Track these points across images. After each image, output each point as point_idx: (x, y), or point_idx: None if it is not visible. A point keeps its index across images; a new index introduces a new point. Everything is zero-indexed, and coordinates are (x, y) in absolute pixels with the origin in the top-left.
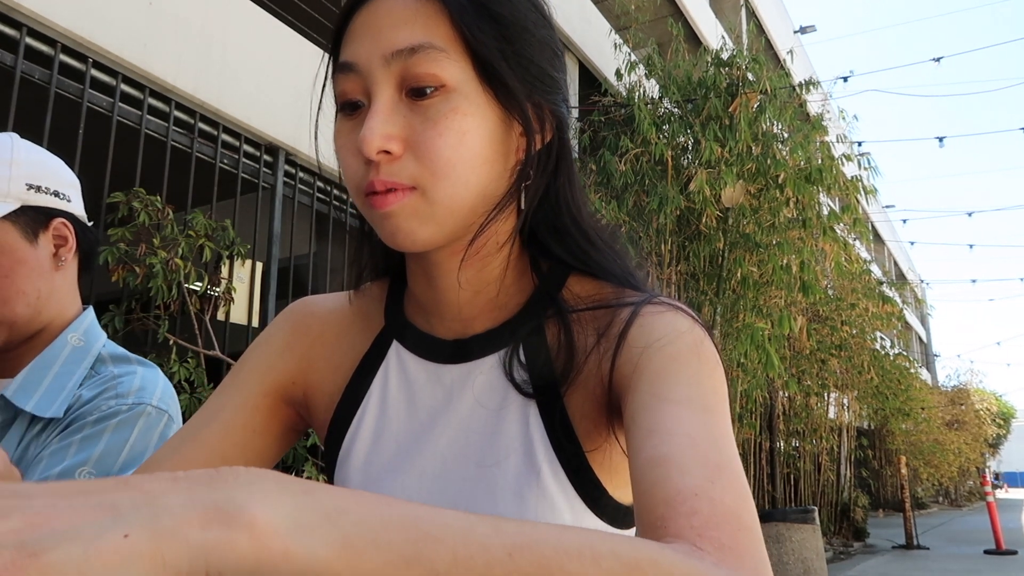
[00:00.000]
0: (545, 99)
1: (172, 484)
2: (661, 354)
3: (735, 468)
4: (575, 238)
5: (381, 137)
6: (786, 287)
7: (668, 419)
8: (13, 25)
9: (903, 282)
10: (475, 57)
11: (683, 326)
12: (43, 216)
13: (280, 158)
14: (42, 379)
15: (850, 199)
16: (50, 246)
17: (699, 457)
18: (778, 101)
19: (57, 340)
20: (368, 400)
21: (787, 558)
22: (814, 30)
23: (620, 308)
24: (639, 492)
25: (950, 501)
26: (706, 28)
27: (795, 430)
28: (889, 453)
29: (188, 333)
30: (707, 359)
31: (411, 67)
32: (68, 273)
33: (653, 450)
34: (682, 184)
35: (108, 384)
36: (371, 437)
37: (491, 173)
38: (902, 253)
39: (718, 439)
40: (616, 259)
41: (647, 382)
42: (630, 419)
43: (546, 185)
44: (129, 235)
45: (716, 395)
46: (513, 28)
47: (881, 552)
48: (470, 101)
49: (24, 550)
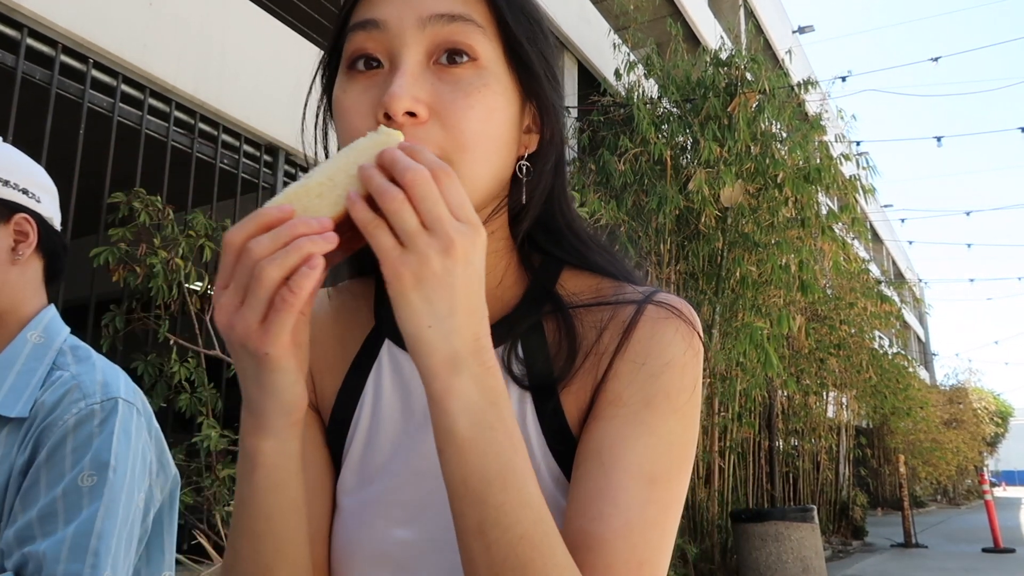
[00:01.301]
0: (556, 95)
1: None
2: (645, 386)
3: (656, 562)
4: (566, 234)
5: (411, 98)
6: (785, 286)
7: (613, 491)
8: (14, 26)
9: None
10: (507, 40)
11: (678, 347)
12: (6, 209)
13: (280, 158)
14: (4, 378)
15: (848, 198)
16: (9, 239)
17: (627, 550)
18: (777, 101)
19: (17, 339)
20: (363, 401)
21: (786, 557)
22: (812, 30)
23: (621, 306)
24: (571, 550)
25: (948, 500)
26: (705, 28)
27: (794, 429)
28: (888, 452)
29: (188, 333)
30: (685, 390)
31: (447, 34)
32: (26, 269)
33: (588, 523)
34: (681, 184)
35: (69, 386)
36: (365, 438)
37: (506, 159)
38: (900, 252)
39: (655, 521)
40: (607, 255)
41: (621, 420)
42: (585, 451)
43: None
44: (130, 235)
45: (674, 451)
46: (536, 24)
47: (880, 550)
48: (499, 81)
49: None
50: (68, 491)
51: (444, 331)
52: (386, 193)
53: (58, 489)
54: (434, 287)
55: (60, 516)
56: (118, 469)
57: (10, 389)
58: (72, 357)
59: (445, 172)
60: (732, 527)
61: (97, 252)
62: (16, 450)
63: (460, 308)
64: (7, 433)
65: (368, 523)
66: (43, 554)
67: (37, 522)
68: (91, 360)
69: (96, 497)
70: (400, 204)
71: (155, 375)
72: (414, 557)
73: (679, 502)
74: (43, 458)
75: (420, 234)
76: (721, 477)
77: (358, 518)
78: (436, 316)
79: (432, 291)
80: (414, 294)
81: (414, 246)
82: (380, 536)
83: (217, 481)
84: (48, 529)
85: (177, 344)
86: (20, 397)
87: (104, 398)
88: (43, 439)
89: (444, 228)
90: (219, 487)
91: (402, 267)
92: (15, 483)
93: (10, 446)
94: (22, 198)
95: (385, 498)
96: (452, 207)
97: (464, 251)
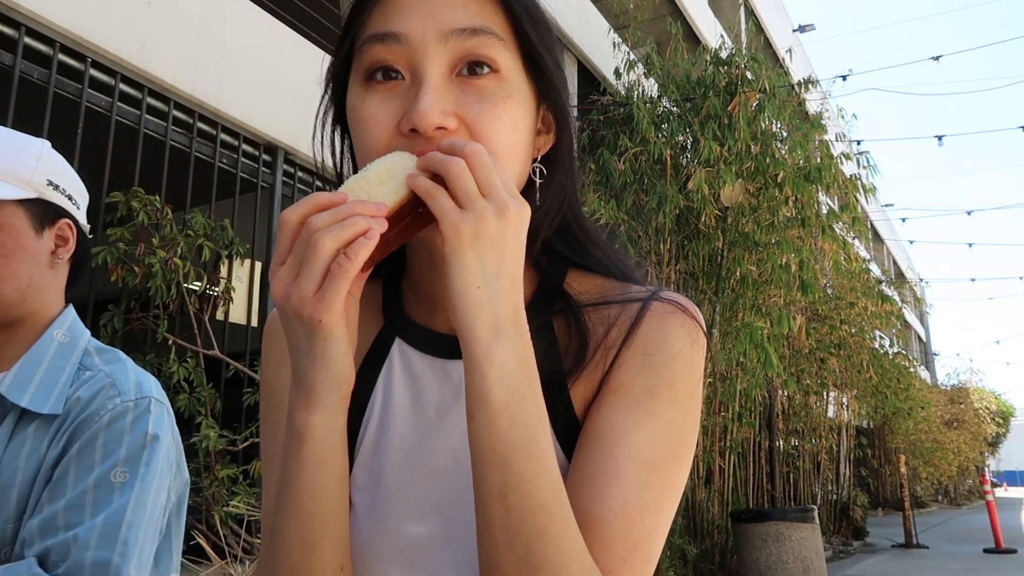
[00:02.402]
0: (567, 98)
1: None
2: (649, 376)
3: (651, 543)
4: (576, 235)
5: (440, 112)
6: (785, 286)
7: (613, 473)
8: (12, 25)
9: (902, 281)
10: (524, 49)
11: (682, 341)
12: (52, 212)
13: (279, 157)
14: (33, 375)
15: (849, 198)
16: (51, 243)
17: (623, 529)
18: (777, 100)
19: (44, 336)
20: (374, 399)
21: (786, 557)
22: (813, 29)
23: (628, 304)
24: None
25: (949, 500)
26: (705, 27)
27: (794, 429)
28: (888, 452)
29: (187, 333)
30: (688, 383)
31: (469, 48)
32: (59, 273)
33: (588, 503)
34: (681, 183)
35: (104, 383)
36: (375, 436)
37: (525, 165)
38: (901, 252)
39: (650, 504)
40: (613, 256)
41: (624, 407)
42: (588, 435)
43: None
44: (128, 235)
45: (674, 440)
46: (547, 31)
47: (880, 551)
48: (520, 91)
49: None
50: (99, 484)
51: (491, 293)
52: (448, 161)
53: (88, 482)
54: (487, 246)
55: (88, 509)
56: (150, 465)
57: (39, 386)
58: (100, 358)
59: (494, 155)
60: (732, 527)
61: (95, 251)
62: (47, 445)
63: (507, 272)
64: (36, 428)
65: (382, 519)
66: (72, 539)
67: (63, 513)
68: (122, 361)
69: (127, 491)
70: (462, 169)
71: (153, 375)
72: (429, 553)
73: (677, 489)
74: (75, 452)
75: (478, 197)
76: (721, 477)
77: (371, 514)
78: (486, 277)
79: (485, 250)
80: (469, 251)
81: (473, 207)
82: (394, 532)
83: (216, 482)
84: (74, 521)
85: (176, 344)
86: (50, 394)
87: (138, 396)
88: (77, 433)
89: (500, 194)
90: (218, 487)
91: (462, 223)
92: (44, 476)
93: (40, 440)
94: (67, 204)
95: (398, 494)
96: (503, 182)
97: (516, 217)
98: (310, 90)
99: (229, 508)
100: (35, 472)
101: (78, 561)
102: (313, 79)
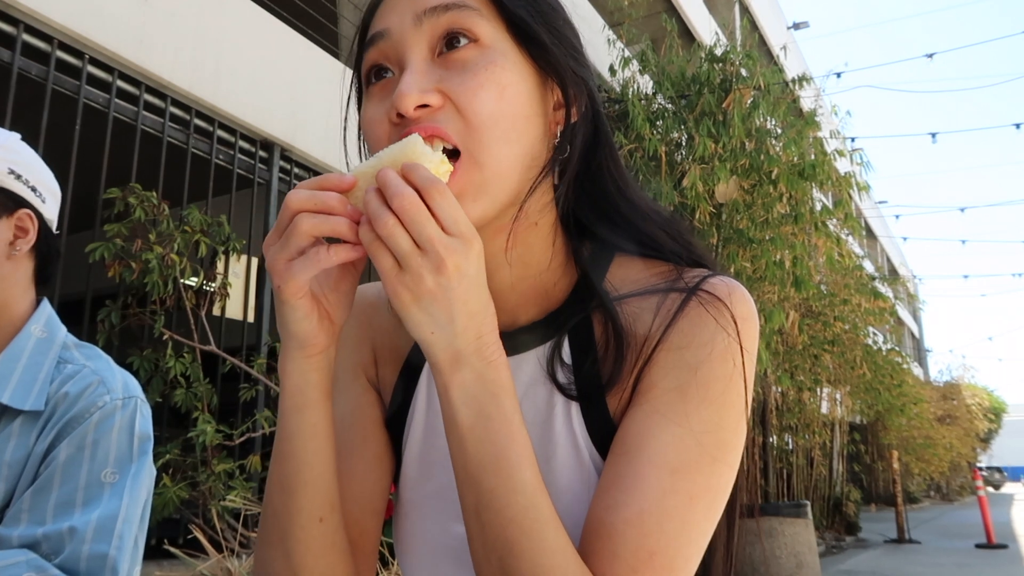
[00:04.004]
0: (578, 69)
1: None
2: (680, 375)
3: (672, 553)
4: (624, 213)
5: (419, 91)
6: (779, 282)
7: (630, 480)
8: (10, 21)
9: (895, 277)
10: (507, 17)
11: (714, 337)
12: (11, 203)
13: (275, 154)
14: (12, 371)
15: (843, 195)
16: (9, 233)
17: (635, 539)
18: (771, 97)
19: (21, 332)
20: (417, 395)
21: (779, 552)
22: (807, 26)
23: (669, 294)
24: (583, 538)
25: (941, 495)
26: (700, 24)
27: (788, 425)
28: (881, 448)
29: (184, 328)
30: (723, 380)
31: (444, 24)
32: (20, 265)
33: (602, 512)
34: (676, 180)
35: (92, 380)
36: (422, 433)
37: (532, 136)
38: (895, 248)
39: (672, 512)
40: (674, 236)
41: (650, 408)
42: (616, 440)
43: (587, 161)
44: (125, 231)
45: (706, 442)
46: (542, 3)
47: (873, 546)
48: (506, 57)
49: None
50: (89, 484)
51: (446, 336)
52: (378, 219)
53: (79, 480)
54: (430, 302)
55: (78, 506)
56: (141, 464)
57: (19, 382)
58: (80, 353)
59: (437, 189)
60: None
61: (93, 247)
62: (35, 438)
63: (459, 315)
64: (21, 423)
65: (430, 517)
66: (68, 532)
67: (52, 509)
68: (104, 358)
69: (120, 488)
70: (392, 228)
71: (151, 370)
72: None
73: (712, 492)
74: (63, 448)
75: (413, 255)
76: None
77: (420, 512)
78: (437, 324)
79: (429, 305)
80: (414, 308)
81: (408, 267)
82: (441, 530)
83: (212, 476)
84: (64, 516)
85: (172, 339)
86: (30, 390)
87: (126, 396)
88: (66, 430)
89: (435, 248)
90: (214, 481)
91: (399, 286)
92: (31, 469)
93: (26, 435)
94: (30, 195)
95: (445, 494)
96: (444, 223)
97: (456, 266)
98: (306, 87)
99: (226, 502)
100: (22, 466)
101: (75, 554)
102: (309, 76)
